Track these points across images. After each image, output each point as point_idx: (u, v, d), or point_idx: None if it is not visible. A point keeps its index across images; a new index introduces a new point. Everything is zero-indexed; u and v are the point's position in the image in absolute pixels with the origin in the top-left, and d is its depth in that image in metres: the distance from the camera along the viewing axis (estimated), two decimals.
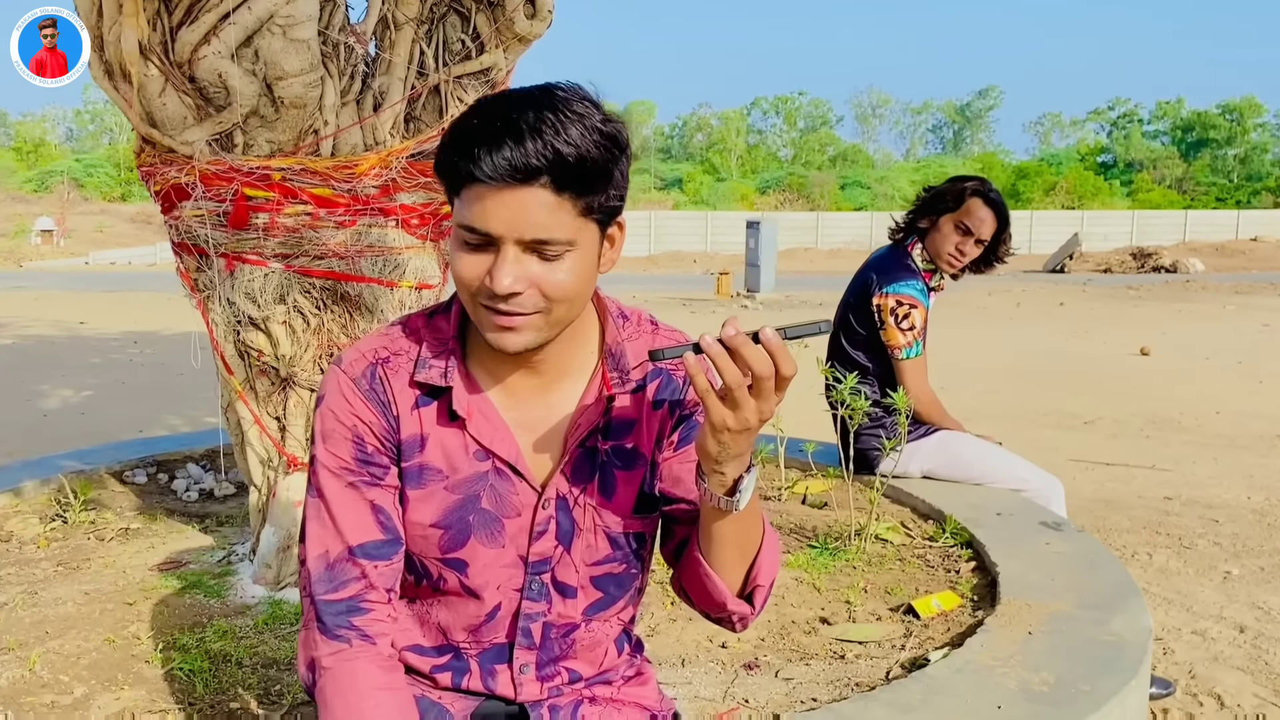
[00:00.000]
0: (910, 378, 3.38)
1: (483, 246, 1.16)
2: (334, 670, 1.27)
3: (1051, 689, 1.96)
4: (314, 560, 1.30)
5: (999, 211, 3.37)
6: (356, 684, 1.26)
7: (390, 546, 1.31)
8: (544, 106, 1.13)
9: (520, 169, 1.11)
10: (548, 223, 1.14)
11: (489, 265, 1.16)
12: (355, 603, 1.29)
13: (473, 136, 1.13)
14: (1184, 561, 4.20)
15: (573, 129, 1.12)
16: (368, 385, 1.30)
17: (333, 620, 1.28)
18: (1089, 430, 6.99)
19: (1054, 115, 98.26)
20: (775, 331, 1.13)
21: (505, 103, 1.15)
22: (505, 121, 1.12)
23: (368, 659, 1.28)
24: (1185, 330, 13.59)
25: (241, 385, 2.64)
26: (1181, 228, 41.49)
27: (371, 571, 1.30)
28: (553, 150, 1.11)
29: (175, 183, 2.47)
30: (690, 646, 2.33)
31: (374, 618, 1.30)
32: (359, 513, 1.30)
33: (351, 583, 1.29)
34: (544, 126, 1.11)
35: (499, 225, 1.14)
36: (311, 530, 1.31)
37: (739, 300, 18.76)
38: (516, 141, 1.10)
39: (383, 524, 1.31)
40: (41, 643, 2.29)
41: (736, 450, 1.19)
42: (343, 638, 1.28)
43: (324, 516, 1.30)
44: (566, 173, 1.13)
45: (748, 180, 66.30)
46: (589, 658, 1.43)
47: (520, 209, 1.13)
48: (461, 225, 1.16)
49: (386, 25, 2.66)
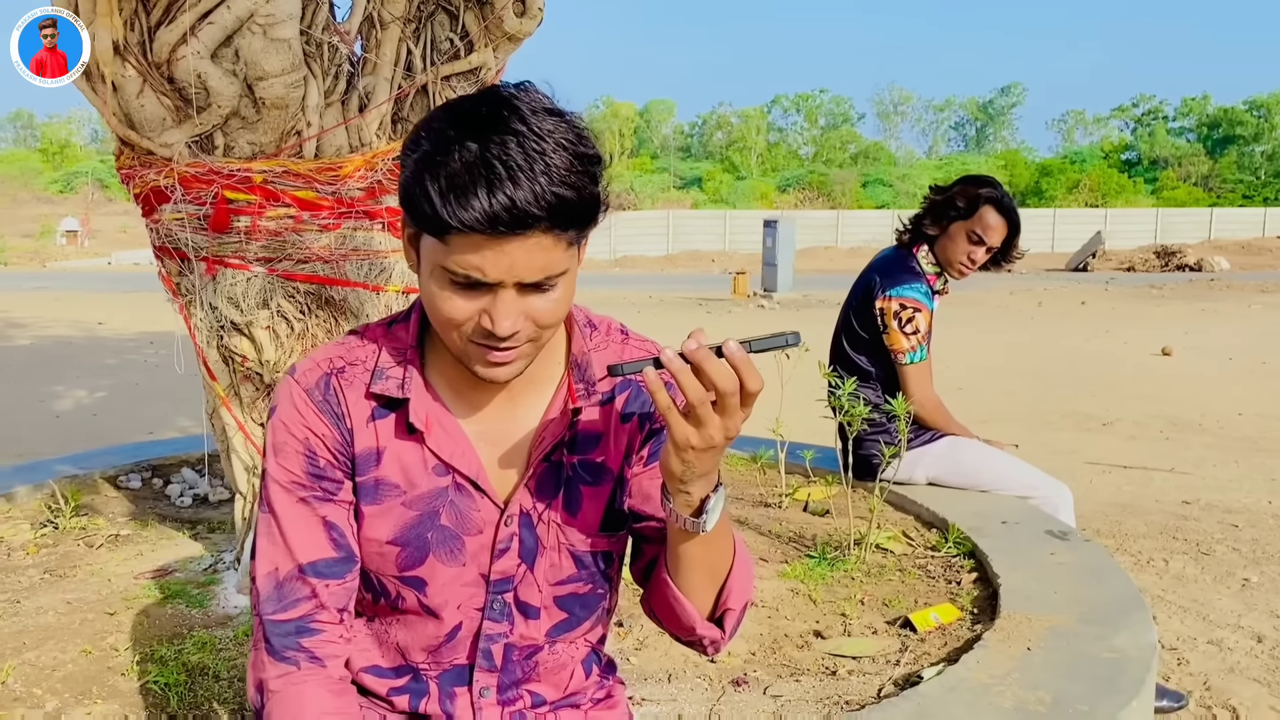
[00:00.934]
0: (914, 383, 3.30)
1: (472, 288, 1.10)
2: (281, 694, 1.22)
3: (1049, 709, 1.88)
4: (263, 579, 1.25)
5: (1011, 218, 3.29)
6: (304, 709, 1.21)
7: (343, 565, 1.26)
8: (522, 136, 1.04)
9: (520, 218, 1.03)
10: (546, 263, 1.08)
11: (481, 305, 1.10)
12: (304, 623, 1.24)
13: (459, 181, 1.03)
14: (1201, 568, 4.10)
15: (559, 160, 1.04)
16: (320, 396, 1.24)
17: (280, 641, 1.23)
18: (1107, 432, 6.88)
19: (1077, 112, 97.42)
20: (739, 345, 1.07)
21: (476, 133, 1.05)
22: (492, 163, 1.03)
23: (316, 683, 1.23)
24: (1209, 330, 13.41)
25: (225, 391, 2.60)
26: (1207, 225, 41.04)
27: (322, 590, 1.24)
28: (553, 196, 1.04)
29: (154, 185, 2.42)
30: (678, 661, 2.27)
31: (324, 639, 1.24)
32: (310, 529, 1.24)
33: (301, 602, 1.24)
34: (535, 165, 1.03)
35: (497, 273, 1.07)
36: (262, 547, 1.26)
37: (756, 300, 18.66)
38: (514, 186, 1.02)
39: (335, 541, 1.25)
40: (18, 654, 2.25)
41: (702, 469, 1.13)
42: (291, 660, 1.23)
43: (274, 533, 1.25)
44: (563, 215, 1.06)
45: (768, 179, 66.12)
46: (553, 680, 1.37)
47: (521, 256, 1.06)
48: (450, 270, 1.08)
49: (372, 24, 2.61)
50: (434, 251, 1.10)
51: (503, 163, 1.03)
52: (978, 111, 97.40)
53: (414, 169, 1.08)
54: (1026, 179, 61.55)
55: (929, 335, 3.32)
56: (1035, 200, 56.68)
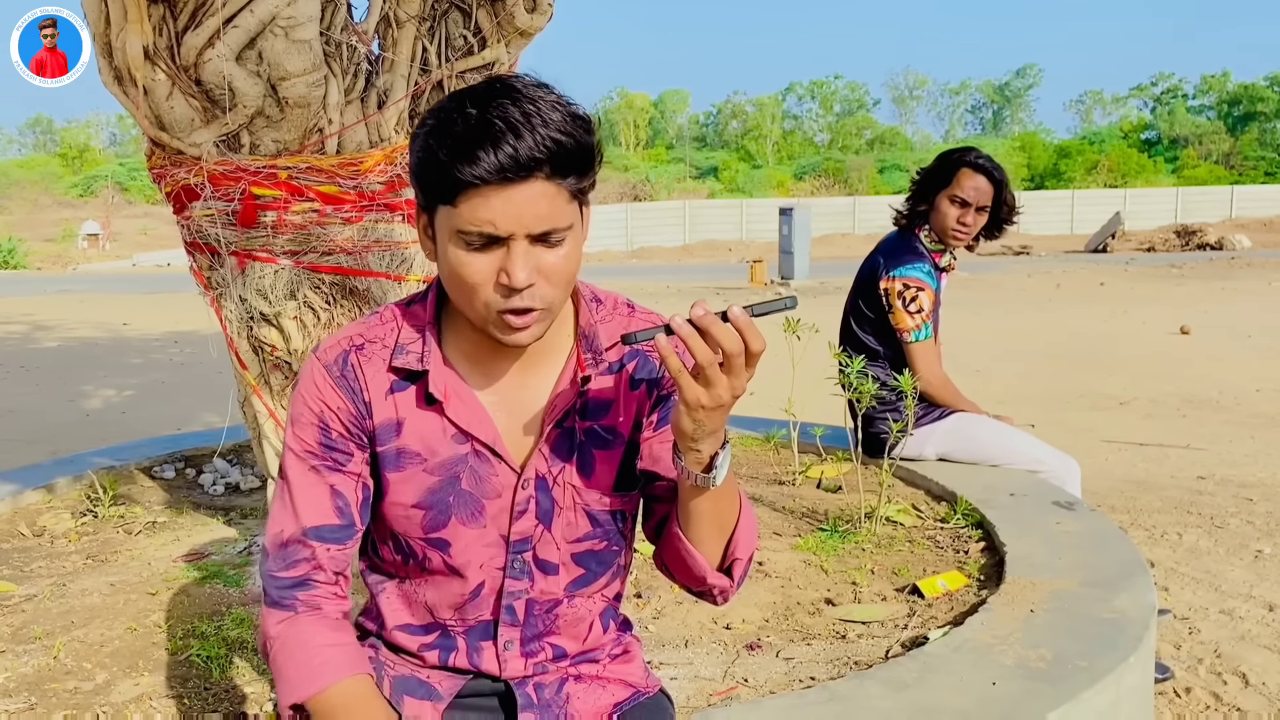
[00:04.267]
0: (920, 360, 3.37)
1: (486, 246, 1.19)
2: (282, 637, 1.31)
3: (1049, 665, 1.96)
4: (270, 539, 1.35)
5: (991, 175, 3.36)
6: (305, 642, 1.30)
7: (344, 531, 1.35)
8: (519, 99, 1.16)
9: (524, 164, 1.14)
10: (551, 212, 1.18)
11: (497, 264, 1.20)
12: (303, 580, 1.33)
13: (465, 140, 1.15)
14: (1215, 541, 4.15)
15: (555, 115, 1.16)
16: (338, 372, 1.34)
17: (278, 594, 1.33)
18: (1124, 411, 6.91)
19: (1095, 93, 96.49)
20: (743, 310, 1.16)
21: (477, 103, 1.17)
22: (493, 121, 1.14)
23: (313, 619, 1.32)
24: (1228, 308, 13.36)
25: (256, 380, 2.71)
26: (1228, 204, 40.62)
27: (322, 554, 1.33)
28: (551, 140, 1.15)
29: (185, 184, 2.53)
30: (694, 628, 2.36)
31: (319, 594, 1.33)
32: (317, 496, 1.34)
33: (301, 563, 1.33)
34: (533, 119, 1.15)
35: (508, 222, 1.17)
36: (274, 511, 1.36)
37: (773, 288, 18.69)
38: (516, 138, 1.14)
39: (339, 509, 1.34)
40: (67, 632, 2.37)
41: (711, 427, 1.22)
42: (289, 606, 1.32)
43: (285, 498, 1.35)
44: (563, 161, 1.17)
45: (784, 167, 65.90)
46: (573, 633, 1.46)
47: (526, 203, 1.16)
48: (465, 230, 1.18)
49: (389, 23, 2.70)
50: (448, 219, 1.20)
51: (503, 120, 1.15)
52: (994, 94, 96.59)
53: (422, 143, 1.20)
54: (1045, 161, 61.06)
55: (933, 314, 3.39)
56: (1054, 182, 56.21)
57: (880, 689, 1.89)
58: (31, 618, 2.46)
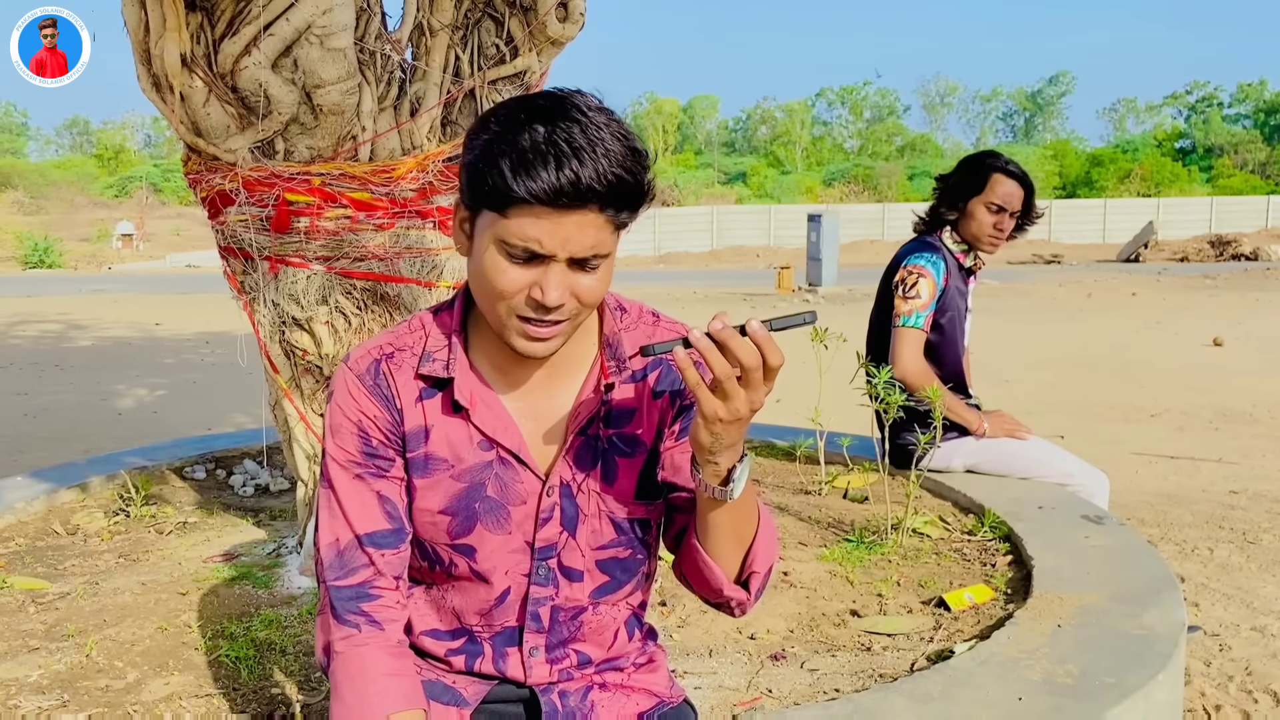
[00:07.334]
0: (901, 346, 3.28)
1: (528, 260, 1.21)
2: (344, 655, 1.34)
3: (1076, 681, 1.95)
4: (325, 548, 1.37)
5: (1022, 181, 3.36)
6: (365, 669, 1.33)
7: (396, 536, 1.37)
8: (585, 125, 1.17)
9: (583, 193, 1.15)
10: (596, 242, 1.20)
11: (532, 278, 1.21)
12: (364, 589, 1.35)
13: (528, 156, 1.15)
14: (1247, 556, 4.11)
15: (616, 147, 1.17)
16: (371, 381, 1.36)
17: (343, 606, 1.35)
18: (1155, 423, 6.83)
19: (1129, 100, 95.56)
20: (761, 324, 1.17)
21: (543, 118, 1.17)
22: (558, 143, 1.15)
23: (376, 645, 1.34)
24: (1263, 320, 13.19)
25: (287, 383, 2.74)
26: (1264, 214, 40.05)
27: (379, 559, 1.36)
28: (613, 176, 1.16)
29: (220, 189, 2.56)
30: (719, 638, 2.36)
31: (383, 604, 1.36)
32: (366, 503, 1.36)
33: (360, 569, 1.36)
34: (596, 149, 1.16)
35: (554, 244, 1.19)
36: (323, 519, 1.38)
37: (800, 295, 18.65)
38: (579, 163, 1.15)
39: (389, 514, 1.37)
40: (99, 630, 2.40)
41: (729, 440, 1.23)
42: (353, 623, 1.34)
43: (334, 506, 1.37)
44: (617, 196, 1.18)
45: (813, 173, 65.69)
46: (598, 640, 1.47)
47: (575, 229, 1.18)
48: (509, 243, 1.20)
49: (422, 32, 2.73)
50: (493, 226, 1.21)
51: (568, 143, 1.16)
52: (1026, 101, 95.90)
53: (483, 147, 1.20)
54: (1077, 169, 60.53)
55: (929, 305, 3.31)
56: (1086, 191, 55.73)
57: (905, 702, 1.89)
58: (65, 615, 2.50)
